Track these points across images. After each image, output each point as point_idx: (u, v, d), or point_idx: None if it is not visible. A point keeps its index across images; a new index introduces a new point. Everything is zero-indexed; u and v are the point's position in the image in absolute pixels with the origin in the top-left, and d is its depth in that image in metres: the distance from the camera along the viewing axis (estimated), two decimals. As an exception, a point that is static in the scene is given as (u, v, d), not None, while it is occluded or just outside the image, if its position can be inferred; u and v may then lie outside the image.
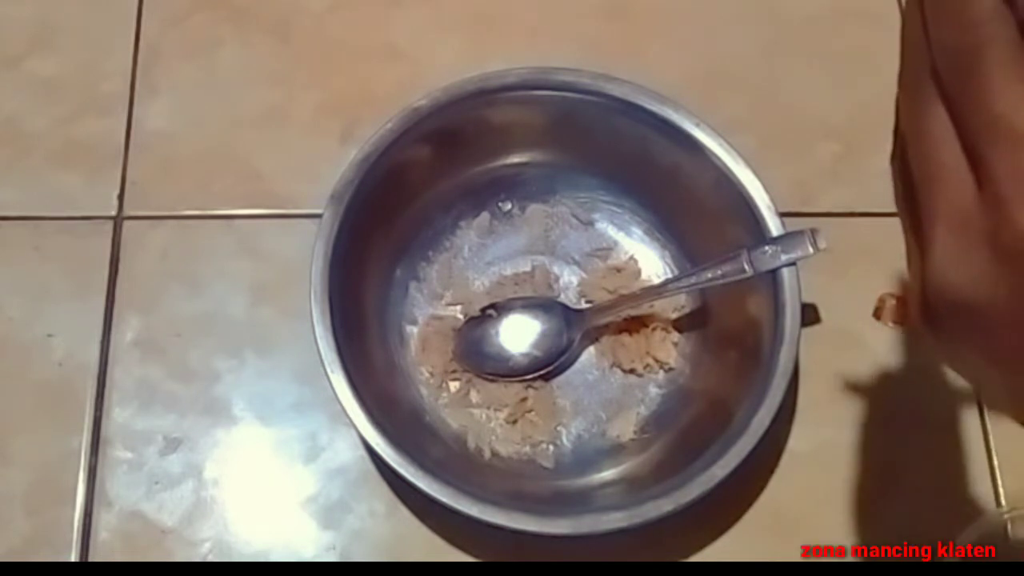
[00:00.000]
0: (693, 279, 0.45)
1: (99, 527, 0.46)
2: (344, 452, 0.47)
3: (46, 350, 0.49)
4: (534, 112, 0.49)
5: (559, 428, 0.47)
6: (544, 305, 0.48)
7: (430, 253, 0.50)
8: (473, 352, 0.48)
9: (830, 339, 0.49)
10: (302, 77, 0.54)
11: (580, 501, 0.45)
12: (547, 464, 0.46)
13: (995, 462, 0.47)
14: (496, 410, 0.47)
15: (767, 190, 0.45)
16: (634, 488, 0.44)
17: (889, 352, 0.49)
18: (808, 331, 0.46)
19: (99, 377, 0.48)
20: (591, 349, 0.49)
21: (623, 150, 0.49)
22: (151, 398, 0.48)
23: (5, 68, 0.55)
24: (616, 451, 0.47)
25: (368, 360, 0.45)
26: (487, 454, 0.46)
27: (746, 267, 0.44)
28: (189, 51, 0.55)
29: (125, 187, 0.52)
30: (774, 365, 0.42)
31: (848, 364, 0.49)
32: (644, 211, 0.50)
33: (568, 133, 0.49)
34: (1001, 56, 0.18)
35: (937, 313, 0.21)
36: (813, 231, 0.44)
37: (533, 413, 0.47)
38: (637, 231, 0.50)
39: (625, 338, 0.48)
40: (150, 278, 0.50)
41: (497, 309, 0.48)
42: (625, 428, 0.47)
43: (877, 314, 0.42)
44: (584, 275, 0.50)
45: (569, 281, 0.50)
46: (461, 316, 0.49)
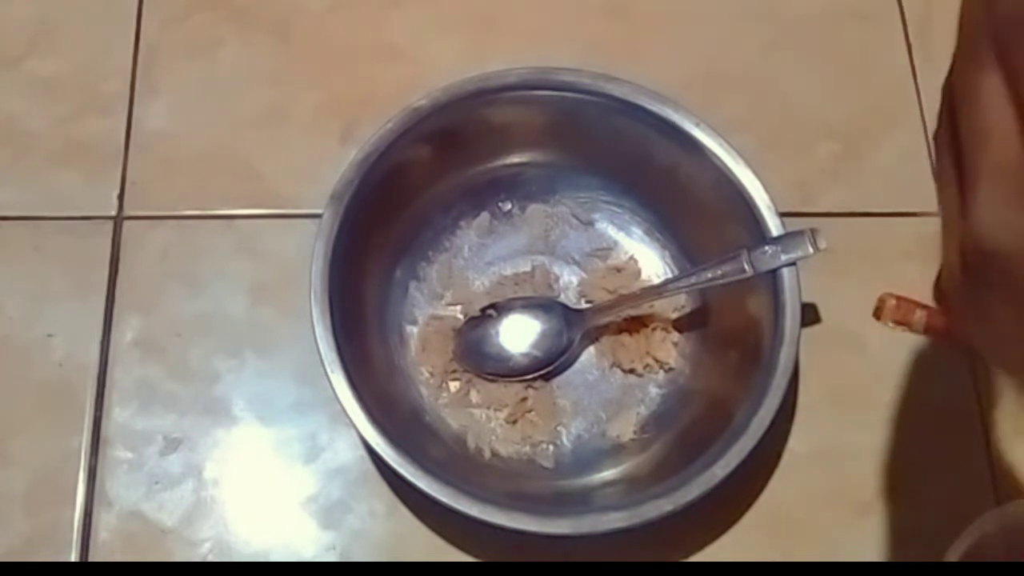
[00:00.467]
0: (693, 279, 0.45)
1: (99, 527, 0.46)
2: (344, 452, 0.47)
3: (46, 350, 0.49)
4: (534, 112, 0.49)
5: (559, 428, 0.47)
6: (544, 305, 0.48)
7: (430, 253, 0.50)
8: (473, 352, 0.48)
9: (830, 339, 0.49)
10: (302, 77, 0.54)
11: (580, 501, 0.45)
12: (547, 464, 0.46)
13: (995, 462, 0.47)
14: (496, 410, 0.47)
15: (767, 190, 0.45)
16: (634, 488, 0.44)
17: (889, 352, 0.49)
18: (808, 331, 0.46)
19: (99, 377, 0.48)
20: (591, 349, 0.49)
21: (623, 150, 0.49)
22: (151, 398, 0.48)
23: (5, 68, 0.54)
24: (616, 451, 0.47)
25: (368, 360, 0.45)
26: (487, 454, 0.46)
27: (746, 267, 0.44)
28: (189, 51, 0.55)
29: (125, 187, 0.52)
30: (774, 365, 0.42)
31: (848, 364, 0.49)
32: (644, 211, 0.50)
33: (568, 133, 0.49)
34: None
35: (975, 265, 0.22)
36: (813, 231, 0.44)
37: (533, 413, 0.47)
38: (637, 231, 0.50)
39: (625, 338, 0.48)
40: (150, 278, 0.50)
41: (497, 309, 0.48)
42: (625, 428, 0.47)
43: (877, 314, 0.42)
44: (584, 275, 0.50)
45: (569, 281, 0.50)
46: (461, 316, 0.49)
